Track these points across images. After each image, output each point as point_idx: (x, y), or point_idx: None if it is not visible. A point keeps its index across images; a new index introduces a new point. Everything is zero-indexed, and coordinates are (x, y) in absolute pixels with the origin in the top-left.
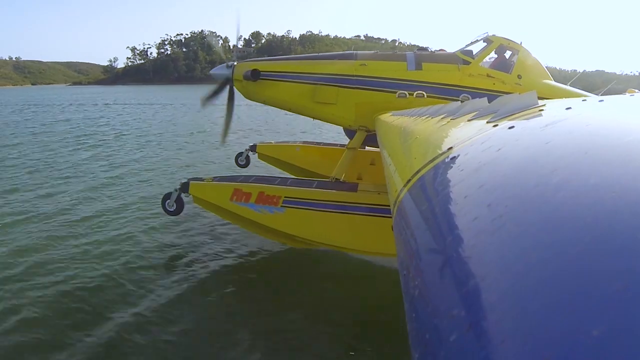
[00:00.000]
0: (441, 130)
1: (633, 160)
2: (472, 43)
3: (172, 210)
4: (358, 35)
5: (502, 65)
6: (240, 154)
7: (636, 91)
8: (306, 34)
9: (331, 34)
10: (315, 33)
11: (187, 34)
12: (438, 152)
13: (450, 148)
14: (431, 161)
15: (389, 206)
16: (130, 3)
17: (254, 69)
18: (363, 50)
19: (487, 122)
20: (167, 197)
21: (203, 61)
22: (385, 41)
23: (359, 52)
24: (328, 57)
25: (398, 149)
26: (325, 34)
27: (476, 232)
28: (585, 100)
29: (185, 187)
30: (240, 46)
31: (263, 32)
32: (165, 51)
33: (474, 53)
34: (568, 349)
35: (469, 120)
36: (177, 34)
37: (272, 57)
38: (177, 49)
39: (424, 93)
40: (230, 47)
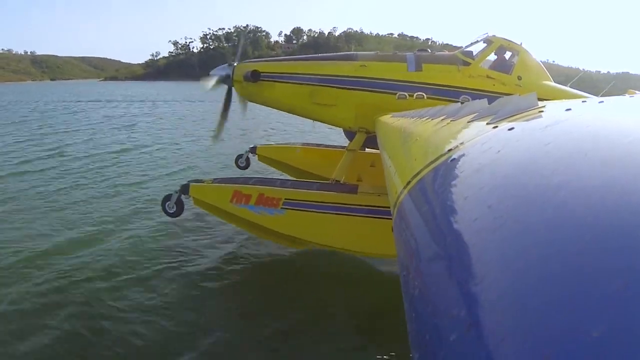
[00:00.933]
0: (441, 131)
1: (633, 161)
2: (473, 44)
3: (172, 212)
4: (392, 33)
5: (502, 66)
6: (240, 156)
7: (636, 92)
8: (347, 31)
9: (365, 32)
10: (356, 30)
11: (230, 29)
12: (438, 154)
13: (450, 150)
14: (431, 163)
15: (389, 208)
16: None
17: (254, 70)
18: (401, 49)
19: (487, 124)
20: (167, 199)
21: (252, 56)
22: (417, 39)
23: (360, 53)
24: (328, 58)
25: (398, 151)
26: (367, 32)
27: (476, 233)
28: (585, 101)
29: (185, 189)
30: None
31: (304, 28)
32: (208, 45)
33: (474, 54)
34: (568, 348)
35: (469, 121)
36: (219, 28)
37: (272, 58)
38: (225, 44)
39: (424, 94)
40: (272, 43)
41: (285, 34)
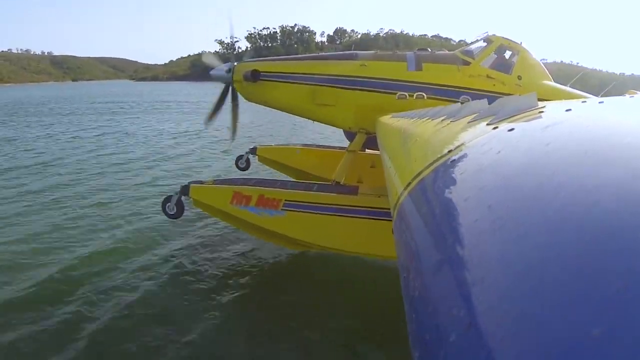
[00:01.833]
0: (441, 132)
1: (633, 161)
2: (473, 43)
3: (173, 213)
4: (425, 34)
5: (502, 65)
6: (240, 157)
7: (636, 92)
8: (390, 33)
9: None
10: (398, 32)
11: (275, 28)
12: (438, 155)
13: (450, 151)
14: (431, 164)
15: (389, 209)
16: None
17: (254, 70)
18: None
19: (487, 124)
20: (168, 200)
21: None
22: (452, 41)
23: (360, 52)
24: (328, 58)
25: (398, 152)
26: (410, 33)
27: (476, 234)
28: (585, 101)
29: (185, 190)
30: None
31: (347, 29)
32: (258, 44)
33: (474, 53)
34: (568, 350)
35: (469, 122)
36: (264, 27)
37: (273, 57)
38: (276, 44)
39: (424, 95)
40: (320, 44)
41: (328, 35)
